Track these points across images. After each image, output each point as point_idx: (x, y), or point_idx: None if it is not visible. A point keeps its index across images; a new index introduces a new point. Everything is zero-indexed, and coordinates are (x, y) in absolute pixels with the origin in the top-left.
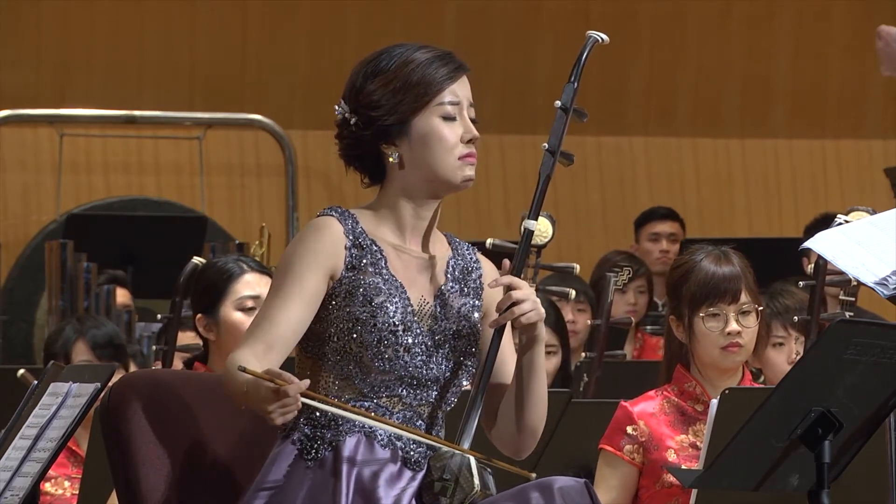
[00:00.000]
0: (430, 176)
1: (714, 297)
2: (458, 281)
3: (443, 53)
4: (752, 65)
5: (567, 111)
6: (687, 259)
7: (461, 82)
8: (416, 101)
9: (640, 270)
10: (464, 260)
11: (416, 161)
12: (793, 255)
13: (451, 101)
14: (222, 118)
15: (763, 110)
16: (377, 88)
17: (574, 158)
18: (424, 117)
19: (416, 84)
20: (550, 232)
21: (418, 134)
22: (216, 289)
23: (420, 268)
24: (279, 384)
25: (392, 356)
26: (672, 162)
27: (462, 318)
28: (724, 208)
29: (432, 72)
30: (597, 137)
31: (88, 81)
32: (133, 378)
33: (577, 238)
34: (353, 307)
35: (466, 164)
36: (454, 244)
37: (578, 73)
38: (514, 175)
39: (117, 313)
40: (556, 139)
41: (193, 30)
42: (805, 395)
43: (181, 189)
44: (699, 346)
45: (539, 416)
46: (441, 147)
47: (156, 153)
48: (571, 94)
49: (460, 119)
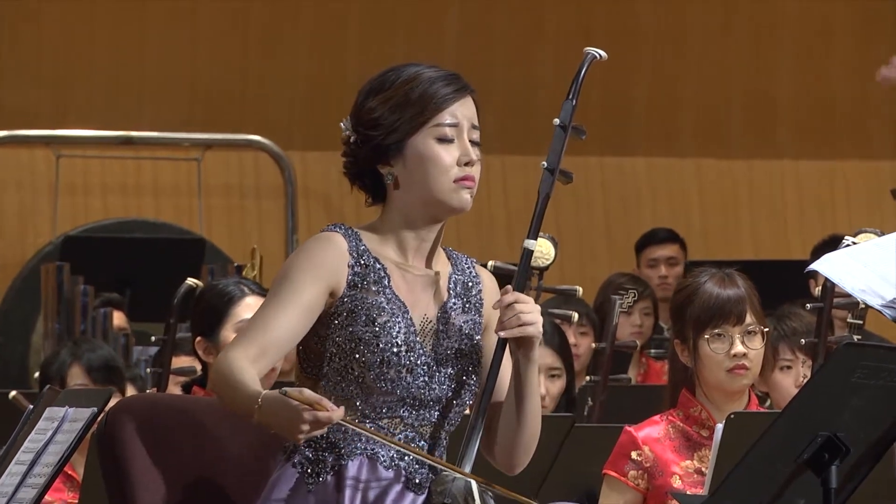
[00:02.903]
0: (426, 198)
1: (718, 319)
2: (460, 297)
3: (448, 74)
4: (755, 80)
5: (566, 129)
6: (691, 282)
7: (463, 103)
8: (413, 121)
9: (646, 292)
10: (464, 275)
11: (411, 182)
12: (800, 277)
13: (450, 123)
14: (221, 139)
15: (768, 129)
16: (377, 106)
17: (573, 177)
18: (420, 138)
19: (414, 102)
20: (553, 254)
21: (413, 154)
22: (216, 312)
23: (423, 286)
24: (318, 409)
25: (395, 377)
26: (676, 182)
27: (464, 336)
28: (728, 230)
29: (433, 91)
30: (599, 157)
31: (87, 101)
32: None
33: (579, 260)
34: (356, 327)
35: (462, 187)
36: (454, 258)
37: (577, 89)
38: (517, 196)
39: (114, 337)
40: (555, 157)
41: (194, 48)
42: (812, 419)
43: (179, 211)
44: (704, 368)
45: (533, 432)
46: (435, 169)
47: (154, 174)
48: (570, 112)
49: (458, 141)
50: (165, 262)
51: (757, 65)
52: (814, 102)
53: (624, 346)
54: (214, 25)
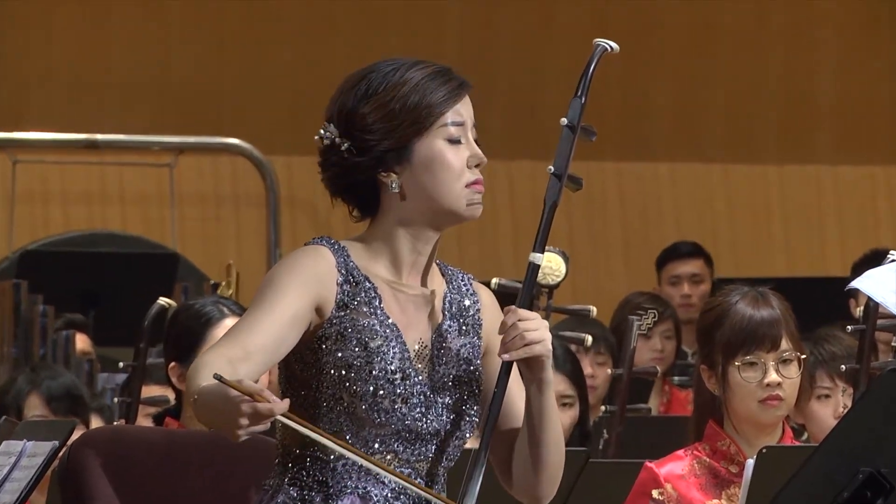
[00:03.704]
0: (434, 206)
1: (751, 344)
2: (456, 318)
3: (441, 69)
4: (791, 81)
5: (574, 129)
6: (720, 301)
7: (465, 100)
8: (416, 124)
9: (667, 313)
10: (460, 293)
11: (419, 190)
12: (839, 296)
13: (455, 122)
14: (195, 142)
15: (804, 132)
16: (372, 111)
17: (583, 182)
18: (427, 141)
19: (415, 106)
20: (563, 270)
21: (421, 159)
22: (192, 335)
23: (417, 306)
24: (259, 400)
25: (389, 408)
26: (701, 190)
27: (462, 362)
28: (760, 243)
29: (432, 91)
30: (617, 163)
31: (47, 101)
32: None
33: (594, 277)
34: (346, 352)
35: (474, 191)
36: (448, 275)
37: (586, 86)
38: (524, 206)
39: (77, 362)
40: (563, 161)
41: (164, 44)
42: (853, 453)
43: (149, 222)
44: (734, 398)
45: (556, 460)
46: (447, 174)
47: (120, 182)
48: (579, 110)
49: (465, 142)
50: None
51: (793, 62)
52: (855, 103)
53: (644, 373)
54: (187, 17)
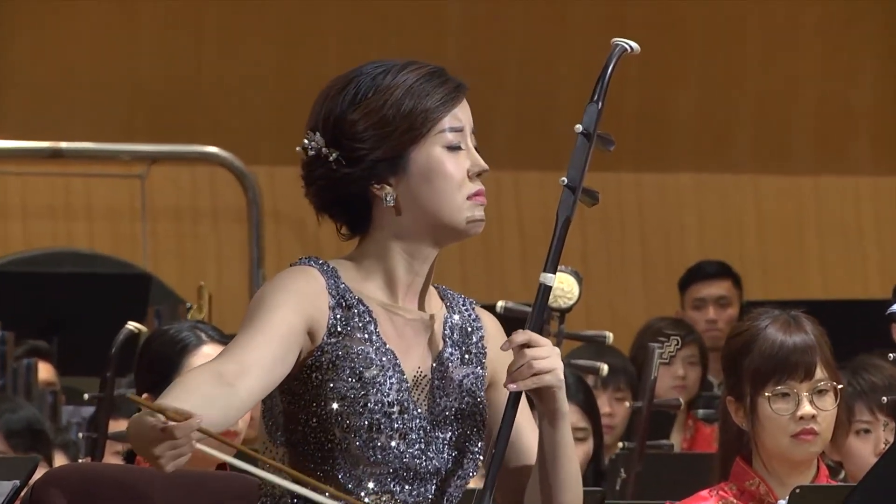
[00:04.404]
0: (433, 220)
1: (783, 373)
2: (458, 345)
3: (435, 70)
4: (829, 83)
5: (589, 137)
6: (748, 326)
7: (462, 105)
8: (411, 131)
9: (690, 337)
10: (462, 318)
11: (416, 202)
12: (879, 320)
13: (454, 128)
14: (169, 151)
15: (842, 140)
16: (362, 117)
17: (599, 196)
18: (424, 149)
19: (410, 111)
20: (576, 292)
21: (418, 169)
22: (168, 363)
23: (415, 332)
24: (170, 417)
25: (385, 444)
26: (729, 204)
27: (465, 394)
28: (793, 262)
29: (427, 94)
30: (635, 174)
31: (5, 107)
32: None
33: (610, 300)
34: (339, 382)
35: (476, 204)
36: (448, 299)
37: (603, 89)
38: (533, 220)
39: (39, 393)
40: (577, 172)
41: (134, 42)
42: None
43: (119, 239)
44: (764, 433)
45: (572, 500)
46: (447, 184)
47: (87, 195)
48: (595, 116)
49: (465, 149)
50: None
51: (831, 63)
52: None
53: (665, 406)
54: (160, 14)
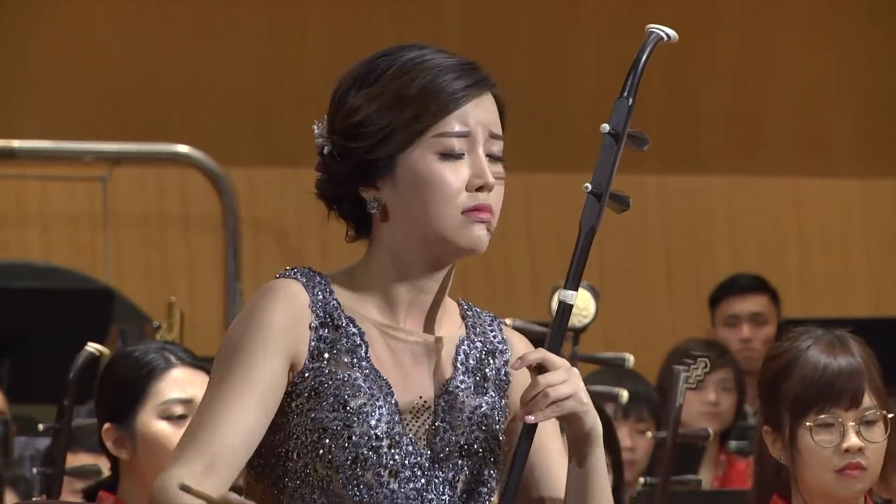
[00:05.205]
0: (424, 235)
1: (826, 401)
2: (473, 372)
3: (463, 63)
4: (875, 77)
5: (618, 137)
6: (787, 347)
7: (479, 103)
8: (408, 127)
9: (724, 359)
10: (483, 340)
11: (404, 213)
12: None
13: (459, 132)
14: (135, 151)
15: (889, 138)
16: (360, 105)
17: (630, 202)
18: (418, 152)
19: (411, 101)
20: (592, 309)
21: (407, 174)
22: (132, 389)
23: (416, 357)
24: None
25: (372, 482)
26: (765, 210)
27: (475, 427)
28: (837, 275)
29: (438, 85)
30: (660, 176)
31: None
32: None
33: (630, 317)
34: (320, 412)
35: (473, 220)
36: (469, 317)
37: (635, 83)
38: (543, 228)
39: None
40: (605, 176)
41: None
42: None
43: (78, 249)
44: (805, 467)
45: None
46: (436, 195)
47: (43, 200)
48: (625, 114)
49: (470, 156)
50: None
51: (878, 55)
52: None
53: (692, 436)
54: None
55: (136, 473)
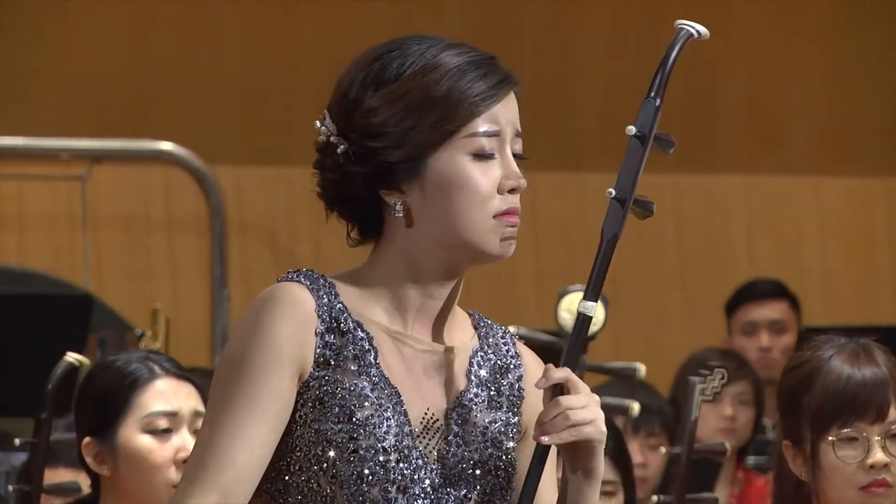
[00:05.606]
0: (450, 240)
1: (850, 414)
2: (486, 385)
3: (482, 58)
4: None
5: (644, 140)
6: (808, 357)
7: (506, 102)
8: (435, 129)
9: (742, 371)
10: (496, 353)
11: (431, 216)
12: None
13: (489, 132)
14: (116, 148)
15: None
16: (381, 106)
17: (654, 208)
18: (447, 153)
19: (438, 102)
20: (602, 316)
21: (436, 177)
22: (114, 401)
23: (427, 367)
24: None
25: (378, 498)
26: (785, 211)
27: (489, 443)
28: (860, 279)
29: (465, 86)
30: (675, 176)
31: None
32: None
33: (643, 325)
34: (325, 423)
35: (505, 224)
36: (482, 329)
37: (663, 83)
38: (550, 231)
39: None
40: (629, 181)
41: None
42: None
43: (56, 252)
44: (828, 484)
45: None
46: (468, 198)
47: (19, 200)
48: (653, 115)
49: (501, 157)
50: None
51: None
52: None
53: (708, 452)
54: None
55: (118, 490)
